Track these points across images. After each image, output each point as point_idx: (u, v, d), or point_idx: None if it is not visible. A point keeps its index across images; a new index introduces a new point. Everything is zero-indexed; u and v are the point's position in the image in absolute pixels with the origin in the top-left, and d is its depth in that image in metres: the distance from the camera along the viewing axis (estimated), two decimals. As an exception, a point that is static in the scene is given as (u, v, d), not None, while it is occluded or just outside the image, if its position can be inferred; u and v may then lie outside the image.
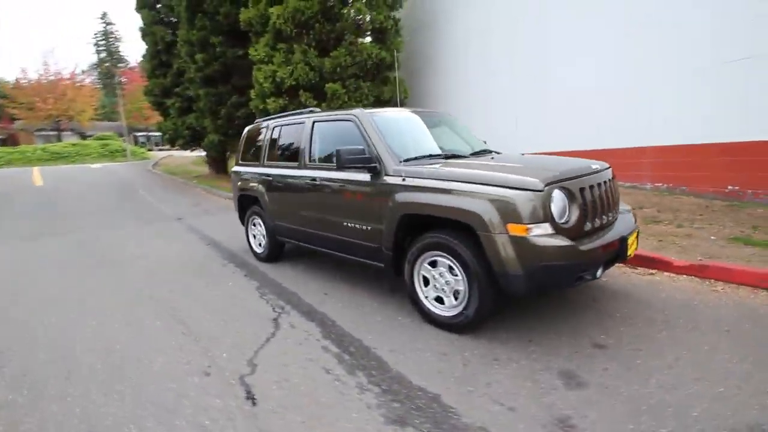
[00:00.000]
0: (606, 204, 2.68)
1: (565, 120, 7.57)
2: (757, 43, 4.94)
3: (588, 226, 2.50)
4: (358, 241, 3.31)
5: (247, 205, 4.96)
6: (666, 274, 3.60)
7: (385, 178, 3.01)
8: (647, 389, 2.05)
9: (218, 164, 16.37)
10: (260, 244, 4.78)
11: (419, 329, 2.83)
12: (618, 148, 6.56)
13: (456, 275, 2.65)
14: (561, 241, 2.27)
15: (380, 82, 10.22)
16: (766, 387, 2.00)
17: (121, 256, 5.27)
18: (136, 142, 31.80)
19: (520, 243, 2.28)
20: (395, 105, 10.20)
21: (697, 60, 5.48)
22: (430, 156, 3.20)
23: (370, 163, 3.06)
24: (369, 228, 3.16)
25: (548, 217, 2.30)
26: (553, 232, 2.30)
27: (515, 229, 2.29)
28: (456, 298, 2.69)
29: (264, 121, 4.82)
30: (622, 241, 2.56)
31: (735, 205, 5.23)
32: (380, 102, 10.21)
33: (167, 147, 24.19)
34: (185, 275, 4.40)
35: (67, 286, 4.20)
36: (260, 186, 4.45)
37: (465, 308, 2.60)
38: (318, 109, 4.12)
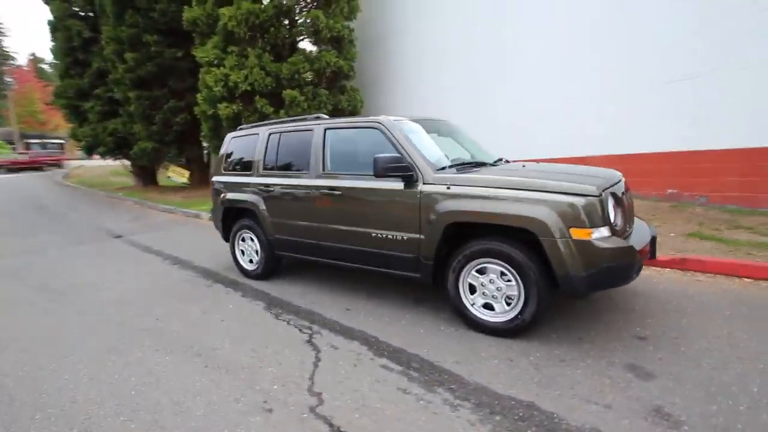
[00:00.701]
0: (632, 208, 2.94)
1: (518, 133, 8.14)
2: (700, 63, 5.80)
3: (627, 228, 2.72)
4: (389, 252, 3.19)
5: (233, 218, 4.54)
6: (653, 268, 4.05)
7: (424, 186, 2.96)
8: (704, 371, 2.26)
9: (146, 175, 14.78)
10: (251, 261, 4.39)
11: (470, 337, 2.81)
12: (581, 156, 7.24)
13: (509, 281, 2.69)
14: (620, 243, 2.44)
15: (337, 90, 10.10)
16: (791, 360, 2.33)
17: (72, 285, 4.46)
18: (28, 150, 27.33)
19: (584, 246, 2.40)
20: (352, 114, 10.17)
21: (648, 77, 6.26)
22: (463, 164, 3.23)
23: (407, 171, 2.99)
24: (405, 237, 3.07)
25: (606, 221, 2.45)
26: (610, 234, 2.46)
27: (579, 234, 2.40)
28: (508, 304, 2.73)
29: (252, 128, 4.47)
30: (653, 241, 2.83)
31: (676, 206, 6.07)
32: (338, 111, 10.09)
33: (75, 156, 21.20)
34: (169, 301, 3.87)
35: (20, 328, 3.43)
36: (255, 198, 4.10)
37: (521, 312, 2.64)
38: (325, 116, 3.93)
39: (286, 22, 9.43)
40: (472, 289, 2.86)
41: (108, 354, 2.85)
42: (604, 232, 2.43)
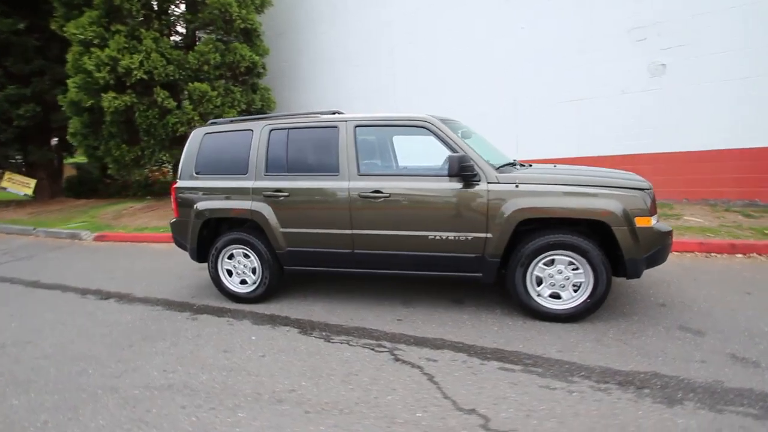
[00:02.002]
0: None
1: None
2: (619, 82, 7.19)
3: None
4: (448, 254, 3.10)
5: (213, 232, 3.71)
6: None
7: (489, 185, 2.99)
8: (740, 324, 2.85)
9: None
10: (244, 282, 3.67)
11: (540, 326, 2.94)
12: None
13: (575, 269, 2.94)
14: (666, 227, 2.92)
15: (249, 88, 9.19)
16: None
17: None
18: None
19: (646, 232, 2.79)
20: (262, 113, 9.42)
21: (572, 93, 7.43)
22: (510, 164, 3.36)
23: (472, 170, 2.97)
24: (469, 237, 3.03)
25: (655, 210, 2.90)
26: (658, 221, 2.93)
27: (642, 222, 2.79)
28: (575, 291, 2.97)
29: (233, 122, 3.75)
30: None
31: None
32: (250, 113, 9.18)
33: None
34: (156, 346, 2.96)
35: None
36: (259, 205, 3.44)
37: (590, 297, 2.91)
38: (342, 111, 3.54)
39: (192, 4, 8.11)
40: (539, 281, 3.02)
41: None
42: (657, 219, 2.90)
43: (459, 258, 3.11)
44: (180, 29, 8.76)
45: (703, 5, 6.09)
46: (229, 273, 3.72)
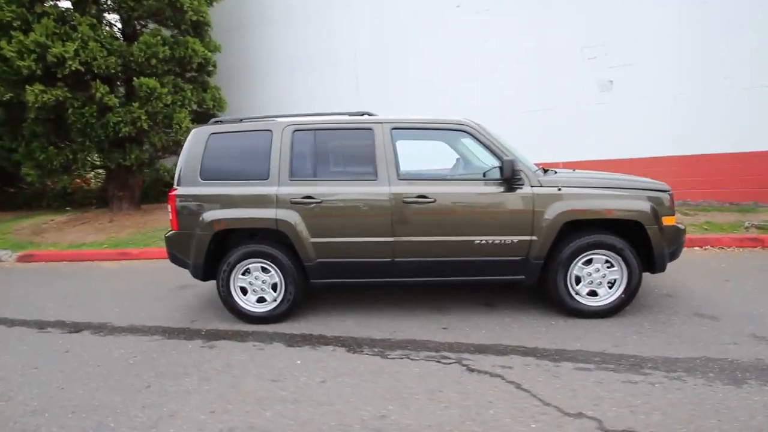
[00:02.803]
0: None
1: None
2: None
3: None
4: (493, 258, 3.09)
5: (223, 246, 3.26)
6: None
7: (533, 189, 3.05)
8: (745, 308, 3.23)
9: None
10: (262, 300, 3.28)
11: (583, 324, 3.05)
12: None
13: (610, 267, 3.12)
14: (682, 225, 3.23)
15: (199, 86, 8.42)
16: None
17: None
18: None
19: (671, 230, 3.07)
20: (213, 116, 8.74)
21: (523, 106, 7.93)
22: (539, 168, 3.46)
23: (518, 174, 3.00)
24: (515, 240, 3.05)
25: (675, 210, 3.21)
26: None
27: (668, 220, 3.06)
28: (610, 287, 3.15)
29: (248, 122, 3.35)
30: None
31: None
32: (200, 113, 8.42)
33: None
34: (179, 384, 2.50)
35: None
36: (286, 213, 3.09)
37: (624, 292, 3.11)
38: (372, 112, 3.34)
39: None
40: (577, 280, 3.15)
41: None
42: (676, 218, 3.20)
43: (504, 261, 3.12)
44: (111, 18, 7.67)
45: (643, 31, 6.98)
46: (243, 291, 3.30)
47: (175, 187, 3.30)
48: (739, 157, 6.72)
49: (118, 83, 7.39)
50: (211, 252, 3.25)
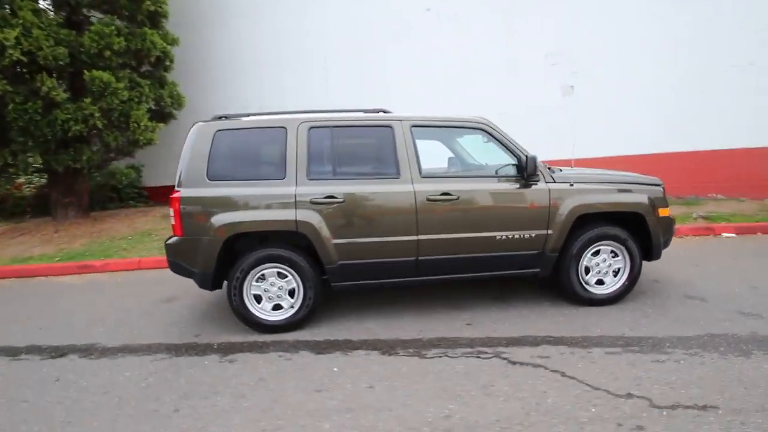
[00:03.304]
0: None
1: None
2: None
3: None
4: (513, 252, 3.18)
5: (236, 251, 3.03)
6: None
7: (548, 185, 3.18)
8: (733, 293, 3.57)
9: None
10: (278, 307, 3.08)
11: (593, 311, 3.23)
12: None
13: (615, 257, 3.34)
14: (673, 216, 3.54)
15: (157, 82, 7.79)
16: None
17: None
18: None
19: (665, 221, 3.36)
20: (170, 116, 8.18)
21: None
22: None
23: (536, 171, 3.11)
24: (533, 235, 3.16)
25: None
26: (668, 212, 3.54)
27: (663, 212, 3.34)
28: (615, 276, 3.37)
29: (257, 118, 3.14)
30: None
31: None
32: (157, 111, 7.79)
33: None
34: (213, 404, 2.28)
35: None
36: (307, 214, 2.93)
37: (627, 279, 3.34)
38: (388, 110, 3.27)
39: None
40: (586, 270, 3.33)
41: None
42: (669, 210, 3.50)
43: (522, 256, 3.22)
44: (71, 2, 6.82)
45: (599, 42, 7.59)
46: (257, 299, 3.08)
47: (176, 189, 3.00)
48: (680, 156, 7.53)
49: (65, 77, 6.58)
50: (221, 259, 3.00)
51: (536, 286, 3.82)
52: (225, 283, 3.12)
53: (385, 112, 3.31)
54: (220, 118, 3.17)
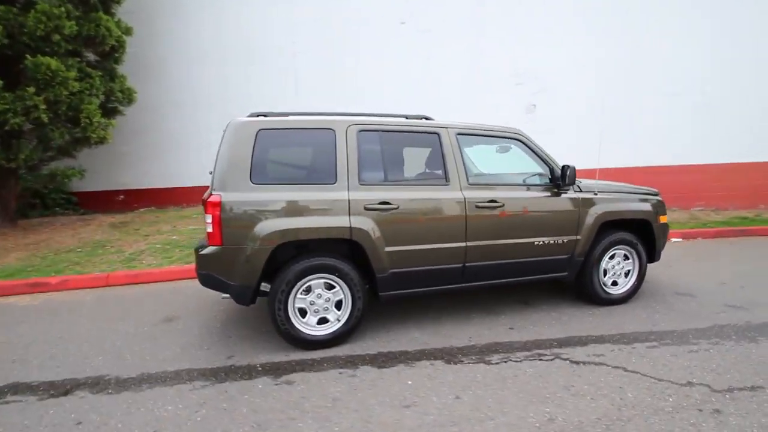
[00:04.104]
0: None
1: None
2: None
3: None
4: (547, 258, 3.34)
5: (278, 261, 2.76)
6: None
7: (577, 193, 3.41)
8: (714, 287, 4.17)
9: None
10: (324, 321, 2.87)
11: (611, 311, 3.51)
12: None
13: (626, 259, 3.66)
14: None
15: (107, 74, 6.96)
16: None
17: None
18: None
19: (664, 226, 3.77)
20: (115, 111, 7.41)
21: None
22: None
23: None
24: (565, 240, 3.35)
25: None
26: (663, 219, 3.98)
27: (663, 219, 3.75)
28: (626, 277, 3.69)
29: (300, 117, 2.92)
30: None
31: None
32: (103, 106, 6.95)
33: None
34: (297, 428, 2.02)
35: None
36: (361, 220, 2.79)
37: (636, 280, 3.68)
38: (431, 117, 3.24)
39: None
40: (604, 273, 3.61)
41: None
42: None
43: (555, 260, 3.39)
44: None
45: (557, 66, 8.37)
46: (303, 313, 2.84)
47: (214, 192, 2.67)
48: (626, 171, 8.56)
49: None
50: (265, 270, 2.72)
51: (546, 290, 4.05)
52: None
53: (427, 118, 3.30)
54: (257, 115, 2.91)
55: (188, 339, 3.13)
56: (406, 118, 3.23)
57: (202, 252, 2.72)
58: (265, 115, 2.92)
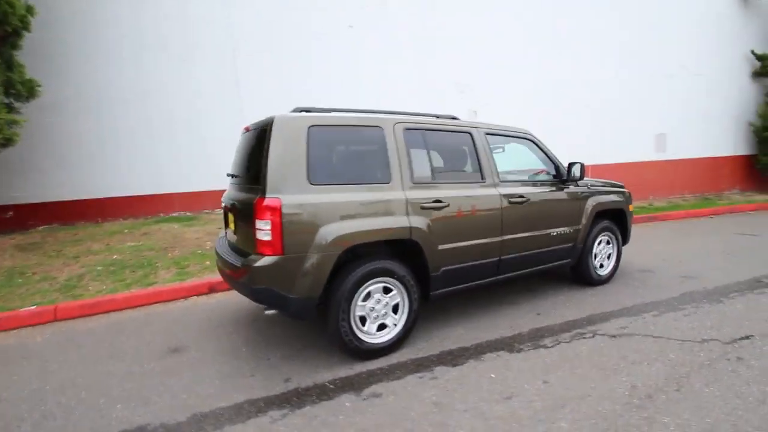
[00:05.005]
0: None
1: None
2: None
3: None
4: (558, 246, 3.67)
5: (344, 264, 2.57)
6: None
7: (576, 187, 3.81)
8: (677, 284, 4.96)
9: None
10: (382, 327, 2.75)
11: (602, 290, 4.01)
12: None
13: (609, 244, 4.21)
14: (630, 211, 4.68)
15: (3, 63, 5.68)
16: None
17: None
18: None
19: (631, 214, 4.42)
20: (11, 107, 6.20)
21: None
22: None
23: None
24: (571, 230, 3.72)
25: (630, 200, 4.60)
26: (627, 208, 4.63)
27: (630, 207, 4.39)
28: (609, 259, 4.23)
29: (346, 114, 2.73)
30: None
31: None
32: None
33: None
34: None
35: None
36: (418, 220, 2.72)
37: (616, 262, 4.25)
38: (457, 117, 3.28)
39: None
40: (594, 257, 4.09)
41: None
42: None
43: (564, 249, 3.75)
44: None
45: (494, 79, 9.16)
46: (363, 320, 2.66)
47: (270, 195, 2.35)
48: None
49: None
50: (332, 274, 2.49)
51: (542, 278, 4.44)
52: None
53: (454, 118, 3.38)
54: (302, 111, 2.66)
55: (219, 368, 2.69)
56: (437, 117, 3.27)
57: (259, 264, 2.37)
58: (308, 111, 2.69)
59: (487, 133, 3.38)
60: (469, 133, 3.25)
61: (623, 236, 4.38)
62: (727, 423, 2.01)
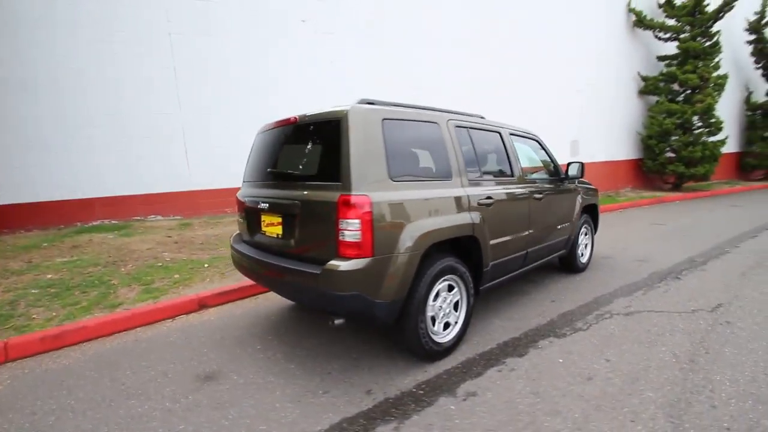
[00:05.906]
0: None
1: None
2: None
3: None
4: (561, 239, 4.02)
5: (431, 258, 2.51)
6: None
7: (571, 184, 4.21)
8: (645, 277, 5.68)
9: None
10: (447, 325, 2.71)
11: (586, 276, 4.50)
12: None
13: (586, 235, 4.73)
14: (593, 206, 5.29)
15: None
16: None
17: None
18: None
19: (597, 208, 5.04)
20: None
21: None
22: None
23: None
24: (568, 225, 4.09)
25: (594, 197, 5.21)
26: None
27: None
28: (586, 248, 4.75)
29: (404, 108, 2.62)
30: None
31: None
32: None
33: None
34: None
35: None
36: (477, 217, 2.73)
37: (591, 251, 4.79)
38: (484, 115, 3.36)
39: None
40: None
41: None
42: (595, 202, 5.21)
43: (563, 240, 4.13)
44: None
45: (445, 74, 9.58)
46: (433, 319, 2.58)
47: (357, 193, 2.14)
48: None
49: None
50: (419, 269, 2.39)
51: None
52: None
53: (481, 117, 3.47)
54: (367, 102, 2.48)
55: (282, 391, 2.37)
56: (470, 115, 3.34)
57: (346, 268, 2.14)
58: (371, 103, 2.53)
59: (512, 134, 3.58)
60: (499, 133, 3.40)
61: (595, 228, 4.98)
62: (760, 373, 2.44)
